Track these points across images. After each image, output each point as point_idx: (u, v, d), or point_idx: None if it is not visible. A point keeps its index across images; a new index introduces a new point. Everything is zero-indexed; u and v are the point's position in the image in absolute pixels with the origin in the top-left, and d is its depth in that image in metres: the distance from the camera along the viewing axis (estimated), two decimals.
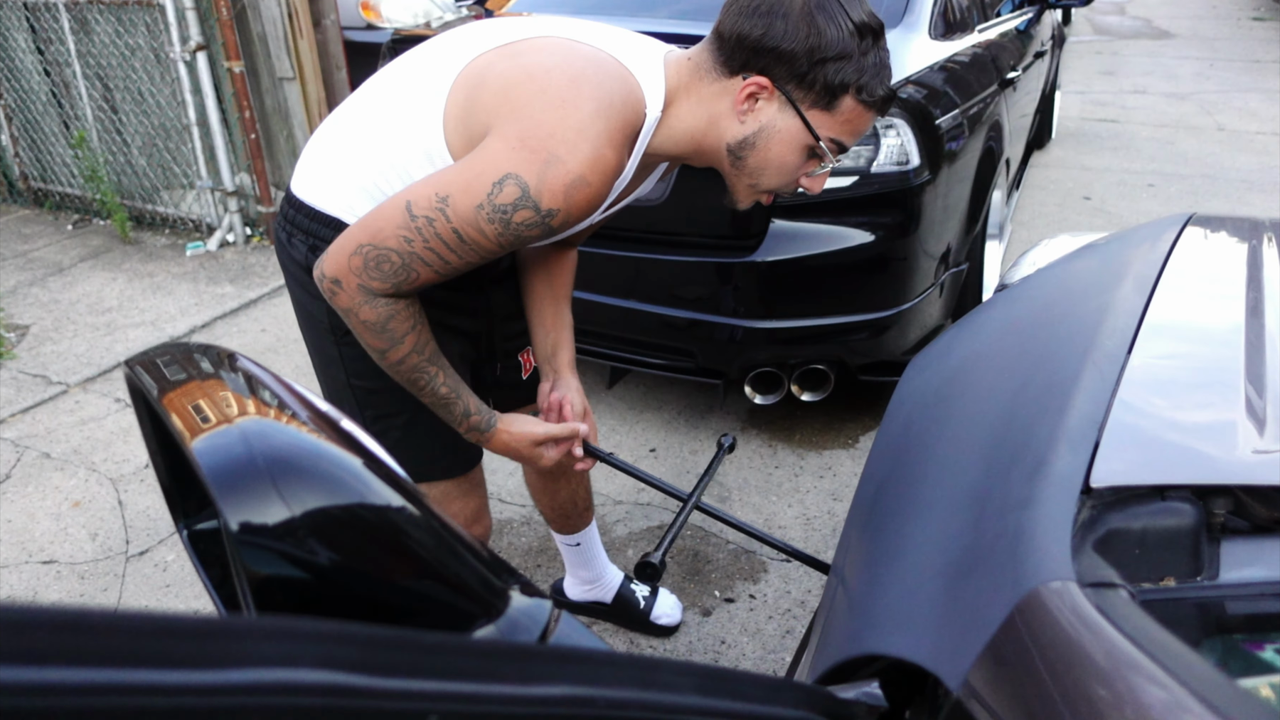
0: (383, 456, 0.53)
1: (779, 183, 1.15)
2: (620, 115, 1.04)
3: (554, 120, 1.00)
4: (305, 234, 1.22)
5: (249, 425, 0.45)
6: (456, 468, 1.40)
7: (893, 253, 2.31)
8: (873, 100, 1.08)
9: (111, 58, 3.94)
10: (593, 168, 1.01)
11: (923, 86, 2.33)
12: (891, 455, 0.97)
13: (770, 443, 2.59)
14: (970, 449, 0.81)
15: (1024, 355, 0.97)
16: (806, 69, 1.04)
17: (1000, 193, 3.15)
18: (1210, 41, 8.81)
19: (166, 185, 4.16)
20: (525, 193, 1.01)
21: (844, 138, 1.11)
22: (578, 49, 1.07)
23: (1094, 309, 1.00)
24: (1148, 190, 4.68)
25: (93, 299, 3.53)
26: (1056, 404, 0.77)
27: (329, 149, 1.21)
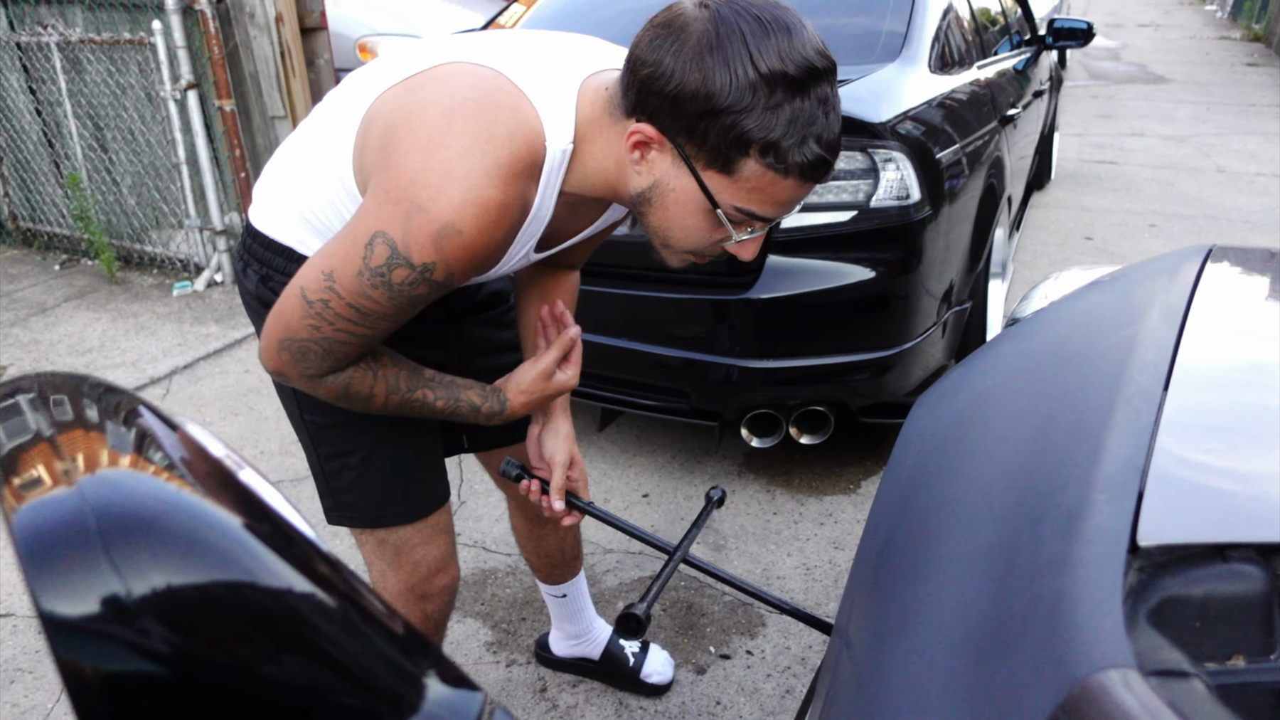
0: (286, 516, 0.43)
1: (690, 246, 0.99)
2: (505, 148, 0.90)
3: (416, 164, 0.89)
4: (259, 263, 1.15)
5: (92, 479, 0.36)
6: (417, 511, 1.29)
7: (894, 290, 2.23)
8: (786, 166, 0.87)
9: (103, 97, 3.90)
10: (462, 212, 0.88)
11: (922, 120, 2.26)
12: (899, 504, 0.87)
13: (768, 488, 2.48)
14: (989, 498, 0.72)
15: (1044, 394, 0.88)
16: (694, 121, 0.87)
17: (1003, 230, 3.08)
18: (1205, 86, 8.85)
19: (156, 225, 4.10)
20: (394, 250, 0.91)
21: (755, 208, 0.92)
22: (474, 77, 0.94)
23: (1120, 343, 0.90)
24: (1150, 231, 4.62)
25: (74, 339, 3.44)
26: (1088, 448, 0.67)
27: (277, 175, 1.14)
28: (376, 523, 1.27)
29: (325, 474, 1.25)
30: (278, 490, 0.47)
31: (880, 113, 2.13)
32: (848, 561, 2.19)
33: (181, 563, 0.34)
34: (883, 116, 2.12)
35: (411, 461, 1.27)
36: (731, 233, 0.95)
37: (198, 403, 2.97)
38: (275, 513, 0.43)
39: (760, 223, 0.95)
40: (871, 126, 2.10)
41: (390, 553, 1.30)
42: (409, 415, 1.13)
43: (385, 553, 1.30)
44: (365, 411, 1.11)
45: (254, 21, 3.54)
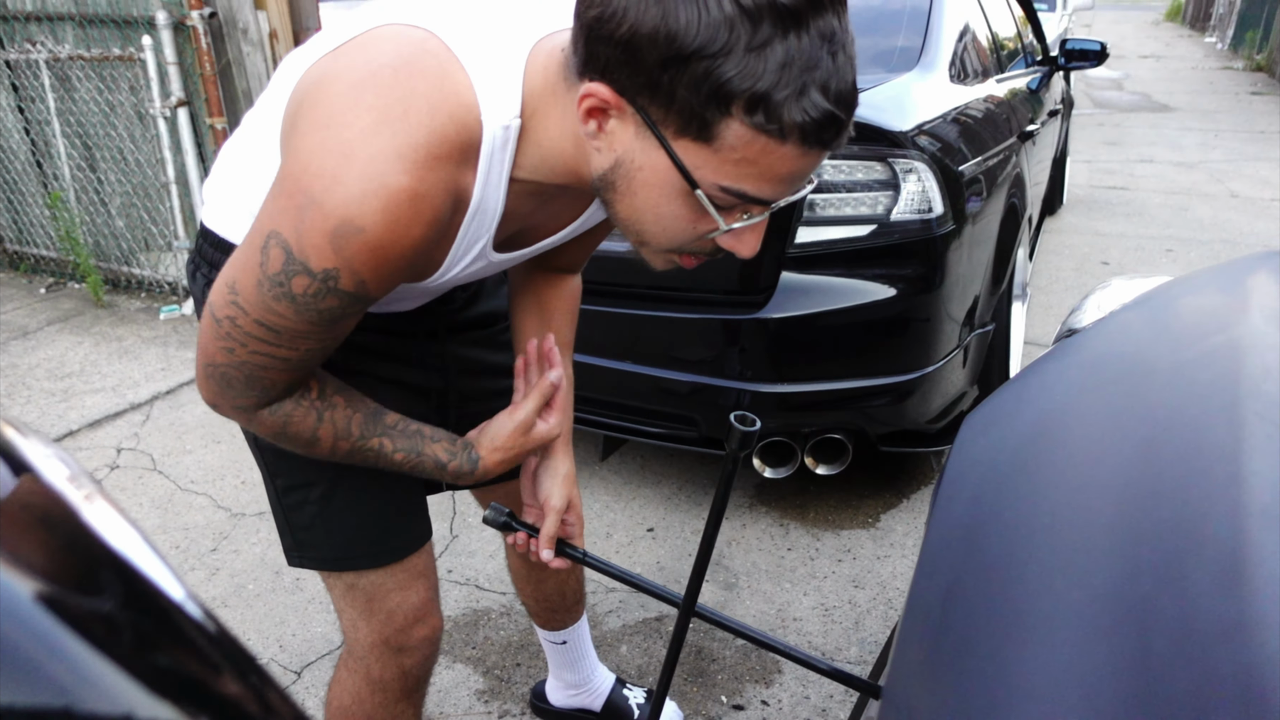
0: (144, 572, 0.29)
1: (670, 242, 0.79)
2: (423, 126, 0.73)
3: (311, 147, 0.72)
4: (209, 265, 1.01)
5: None
6: (388, 553, 1.12)
7: (915, 310, 2.09)
8: (782, 126, 0.66)
9: (92, 115, 3.80)
10: (362, 205, 0.71)
11: (943, 130, 2.14)
12: (962, 543, 0.73)
13: (781, 521, 2.33)
14: (1092, 537, 0.57)
15: (1132, 412, 0.73)
16: (657, 72, 0.67)
17: (1024, 251, 2.95)
18: (1211, 114, 8.80)
19: (145, 247, 3.98)
20: (289, 254, 0.75)
21: (746, 185, 0.71)
22: (398, 40, 0.76)
23: (1219, 349, 0.76)
24: (1166, 255, 4.50)
25: (54, 364, 3.31)
26: (1223, 472, 0.53)
27: (224, 169, 1.00)
28: (342, 565, 1.11)
29: (284, 508, 1.10)
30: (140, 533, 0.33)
31: (900, 120, 2.01)
32: (869, 602, 2.03)
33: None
34: (903, 125, 2.00)
35: (384, 495, 1.11)
36: (719, 222, 0.74)
37: (178, 429, 2.82)
38: (130, 569, 0.29)
39: (757, 206, 0.74)
40: (892, 135, 1.97)
41: (361, 600, 1.14)
42: (363, 465, 0.97)
43: (355, 599, 1.14)
44: (309, 455, 0.95)
45: (247, 38, 3.45)
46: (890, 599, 2.04)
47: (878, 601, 2.03)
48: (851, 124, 0.71)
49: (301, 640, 1.93)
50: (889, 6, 2.54)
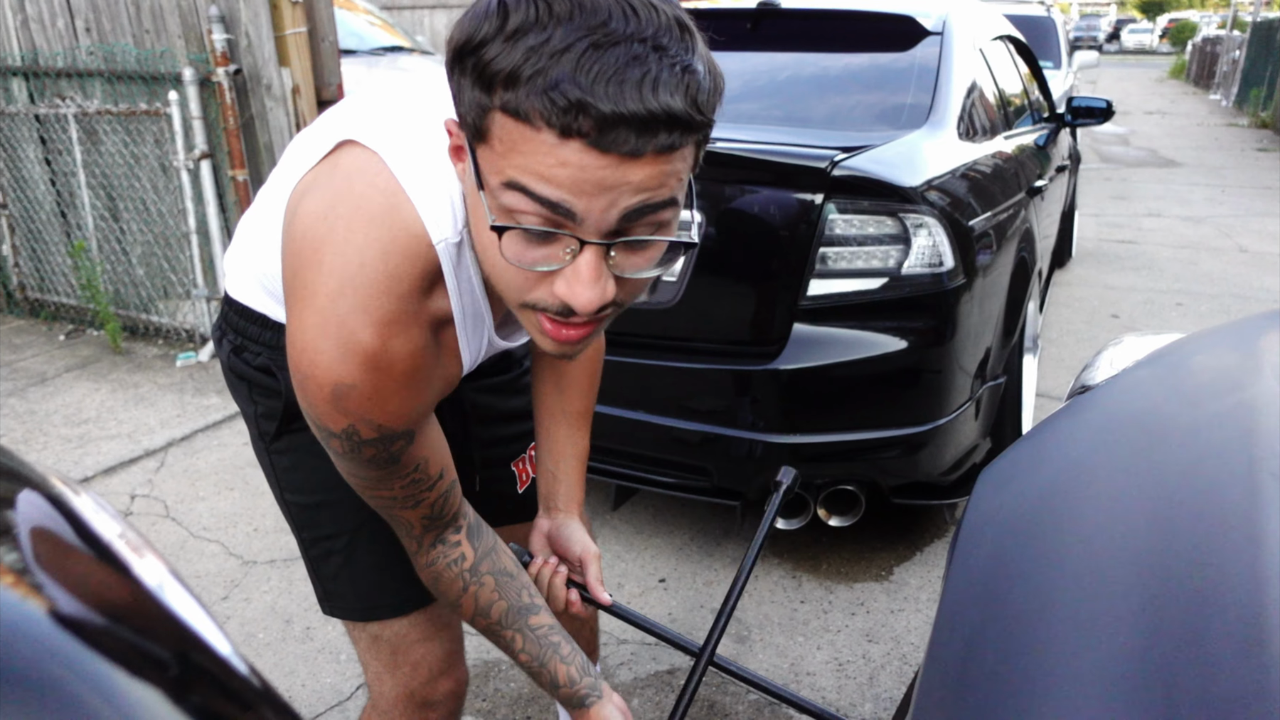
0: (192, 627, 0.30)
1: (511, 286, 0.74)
2: (381, 275, 0.76)
3: (295, 325, 0.79)
4: (235, 332, 1.06)
5: None
6: (412, 601, 1.13)
7: (927, 362, 2.11)
8: (525, 109, 0.63)
9: (117, 167, 3.89)
10: (345, 365, 0.77)
11: (953, 186, 2.18)
12: (981, 597, 0.73)
13: (794, 573, 2.31)
14: (1110, 596, 0.58)
15: (1149, 469, 0.74)
16: (455, 80, 0.68)
17: (1034, 304, 2.97)
18: (1218, 170, 8.87)
19: (164, 295, 4.04)
20: (316, 425, 0.84)
21: (520, 176, 0.65)
22: (354, 176, 0.80)
23: (1234, 409, 0.77)
24: (1176, 309, 4.51)
25: (71, 410, 3.34)
26: (1240, 535, 0.54)
27: (241, 239, 1.06)
28: (368, 615, 1.12)
29: (311, 560, 1.12)
30: (186, 587, 0.35)
31: (910, 176, 2.05)
32: (883, 657, 2.01)
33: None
34: (913, 180, 2.04)
35: None
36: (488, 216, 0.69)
37: (192, 476, 2.83)
38: (178, 623, 0.30)
39: (563, 220, 0.67)
40: (902, 190, 2.01)
41: (386, 652, 1.14)
42: (492, 642, 1.06)
43: (380, 651, 1.14)
44: (454, 613, 1.07)
45: (270, 93, 3.54)
46: (905, 654, 2.02)
47: (892, 656, 2.01)
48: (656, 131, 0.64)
49: (311, 691, 1.92)
50: (898, 64, 2.60)
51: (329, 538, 1.09)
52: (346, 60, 4.63)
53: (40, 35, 3.91)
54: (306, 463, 1.06)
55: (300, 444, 1.06)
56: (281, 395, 1.03)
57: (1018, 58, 3.70)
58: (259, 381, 1.05)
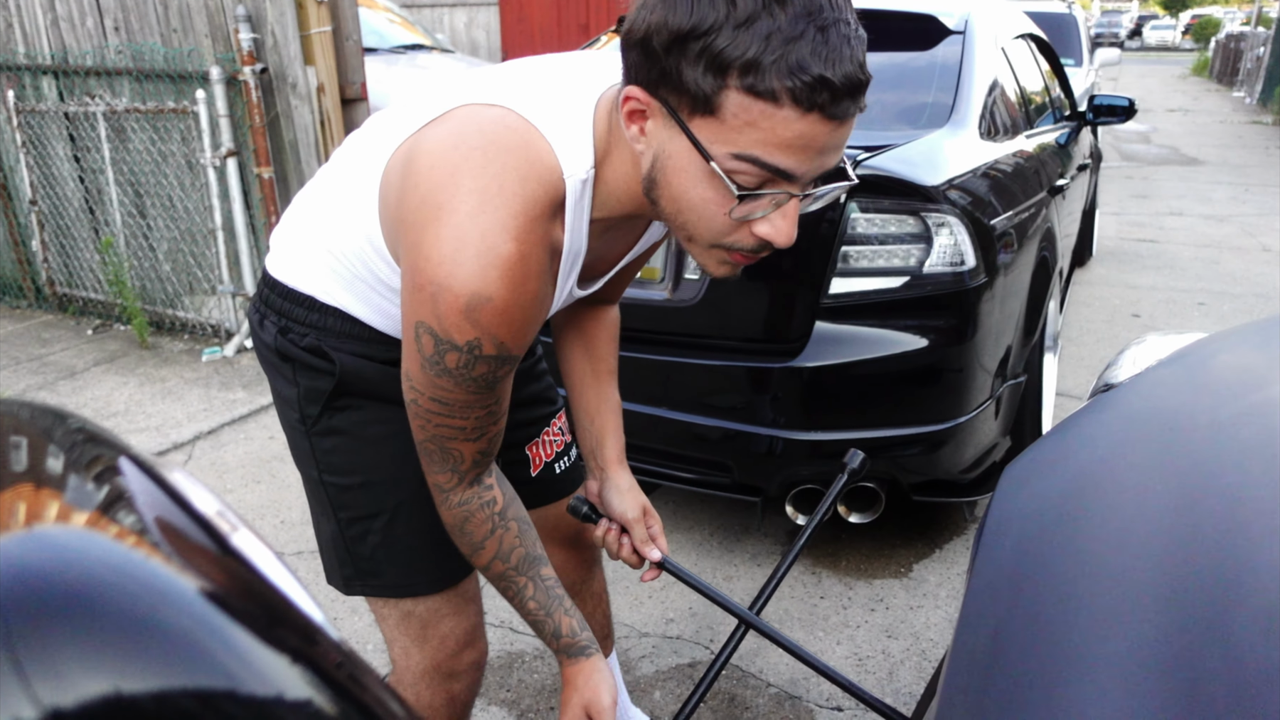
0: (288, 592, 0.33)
1: (711, 231, 0.84)
2: (517, 197, 0.83)
3: (430, 240, 0.83)
4: (277, 314, 1.08)
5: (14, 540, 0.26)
6: (446, 579, 1.18)
7: (948, 361, 2.12)
8: (771, 88, 0.73)
9: (145, 164, 3.95)
10: (484, 277, 0.82)
11: (975, 185, 2.19)
12: (1008, 590, 0.75)
13: (814, 569, 2.33)
14: (1137, 589, 0.60)
15: (1174, 466, 0.76)
16: (665, 59, 0.76)
17: (1055, 303, 2.97)
18: (1241, 168, 8.79)
19: (190, 290, 4.10)
20: (436, 337, 0.87)
21: (756, 150, 0.76)
22: (479, 121, 0.87)
23: (1258, 408, 0.79)
24: (1199, 309, 4.48)
25: (100, 403, 3.40)
26: (1262, 525, 0.55)
27: (297, 223, 1.08)
28: (403, 591, 1.16)
29: (346, 540, 1.14)
30: (282, 562, 0.37)
31: (932, 176, 2.06)
32: (903, 652, 2.02)
33: (123, 661, 0.24)
34: (935, 179, 2.05)
35: (439, 525, 1.17)
36: (733, 190, 0.79)
37: (220, 469, 2.88)
38: (273, 588, 0.33)
39: (778, 179, 0.79)
40: (924, 189, 2.02)
41: (416, 626, 1.18)
42: (502, 594, 1.10)
43: (411, 627, 1.18)
44: (470, 559, 1.07)
45: (296, 91, 3.58)
46: (924, 650, 2.04)
47: (911, 652, 2.03)
48: (860, 96, 0.77)
49: None
50: (920, 64, 2.61)
51: (368, 517, 1.12)
52: (368, 58, 4.68)
53: (70, 34, 3.97)
54: (348, 444, 1.09)
55: (342, 425, 1.09)
56: (332, 374, 1.07)
57: (1039, 56, 3.70)
58: (306, 362, 1.07)
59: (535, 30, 7.96)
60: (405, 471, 1.10)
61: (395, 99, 1.02)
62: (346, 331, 1.06)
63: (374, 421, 1.09)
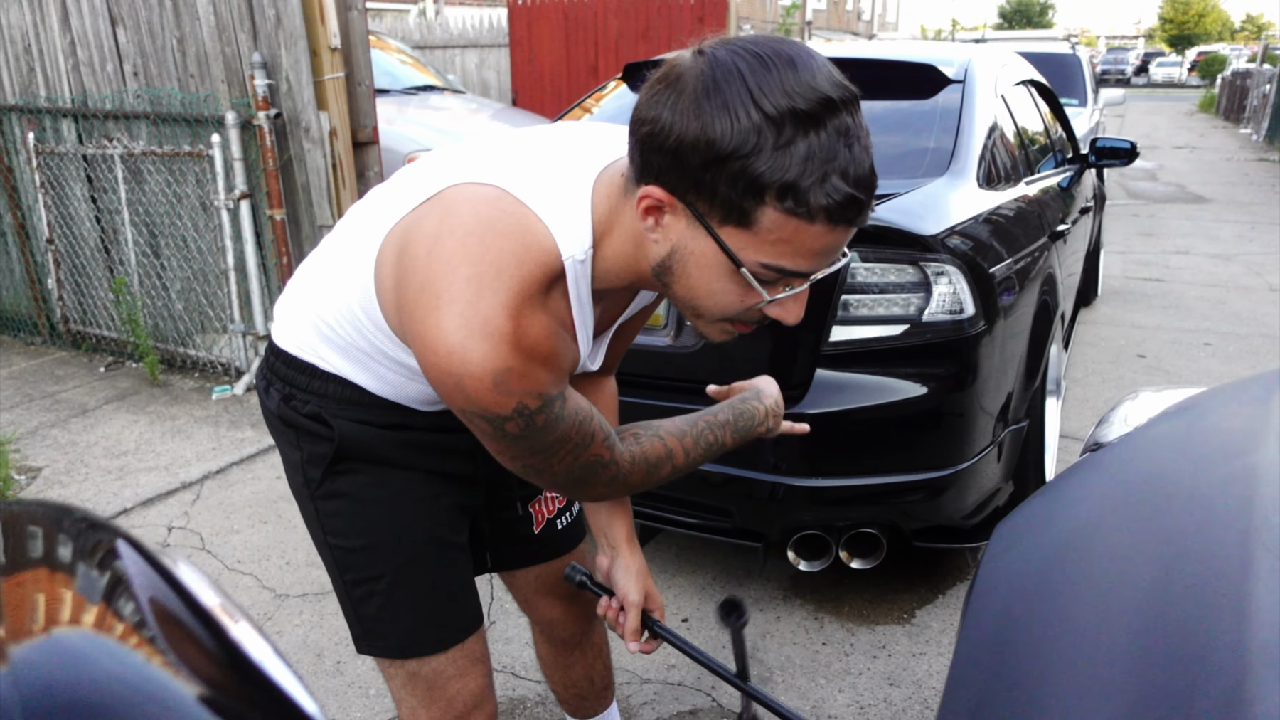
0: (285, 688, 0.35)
1: (721, 313, 0.91)
2: (515, 279, 0.86)
3: (434, 332, 0.86)
4: (282, 381, 1.11)
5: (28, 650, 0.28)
6: (450, 636, 1.19)
7: (948, 407, 2.13)
8: (810, 209, 0.78)
9: (160, 206, 4.02)
10: (497, 353, 0.85)
11: (974, 234, 2.22)
12: (992, 655, 0.76)
13: (816, 615, 2.33)
14: (1111, 662, 0.61)
15: (1153, 534, 0.77)
16: (699, 173, 0.80)
17: (1057, 346, 2.99)
18: (1247, 206, 8.82)
19: (200, 329, 4.15)
20: (485, 418, 0.90)
21: (786, 261, 0.83)
22: (475, 203, 0.89)
23: (1236, 475, 0.80)
24: (1204, 349, 4.49)
25: (110, 441, 3.43)
26: (1230, 606, 0.57)
27: (297, 292, 1.12)
28: (407, 652, 1.18)
29: (352, 601, 1.17)
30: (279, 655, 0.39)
31: (930, 225, 2.09)
32: (904, 700, 2.02)
33: None
34: (933, 229, 2.08)
35: (442, 583, 1.19)
36: (763, 294, 0.86)
37: (227, 509, 2.91)
38: (271, 685, 0.35)
39: (796, 279, 0.86)
40: (922, 239, 2.05)
41: (422, 688, 1.19)
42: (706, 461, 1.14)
43: (417, 688, 1.19)
44: (665, 480, 1.10)
45: (309, 136, 3.66)
46: (926, 698, 2.03)
47: (913, 700, 2.02)
48: (872, 201, 0.83)
49: None
50: (920, 112, 2.65)
51: (372, 579, 1.14)
52: (380, 100, 4.77)
53: (90, 78, 4.07)
54: (350, 508, 1.12)
55: (344, 488, 1.11)
56: (331, 440, 1.09)
57: (1040, 101, 3.74)
58: (307, 428, 1.11)
59: (545, 72, 8.09)
60: (407, 534, 1.12)
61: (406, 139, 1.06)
62: (347, 398, 1.08)
63: (374, 485, 1.12)
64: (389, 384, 1.07)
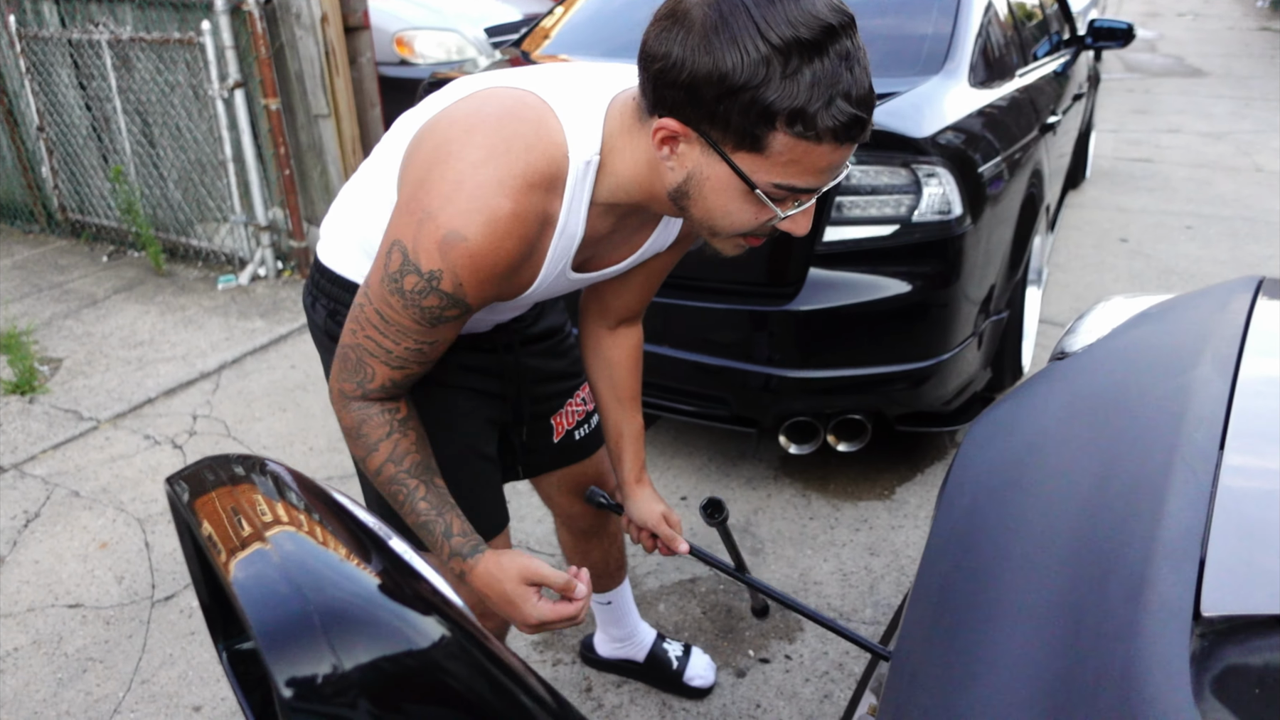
0: (437, 584, 0.49)
1: (737, 230, 0.98)
2: (521, 160, 0.92)
3: (435, 176, 0.93)
4: (327, 298, 1.21)
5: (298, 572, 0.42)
6: (495, 526, 1.35)
7: (933, 302, 2.26)
8: (816, 131, 0.84)
9: (151, 94, 3.99)
10: (468, 219, 0.91)
11: (965, 133, 2.29)
12: (958, 543, 0.92)
13: (804, 493, 2.53)
14: (1052, 550, 0.76)
15: (1099, 443, 0.92)
16: (713, 104, 0.86)
17: (1040, 238, 3.09)
18: (1245, 80, 8.72)
19: (200, 219, 4.19)
20: (405, 256, 0.95)
21: (796, 180, 0.89)
22: (502, 95, 0.98)
23: (1172, 392, 0.94)
24: (1186, 232, 4.60)
25: (125, 332, 3.54)
26: (1149, 509, 0.72)
27: (340, 211, 1.21)
28: None
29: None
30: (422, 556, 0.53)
31: (922, 127, 2.16)
32: (883, 568, 2.24)
33: (382, 648, 0.40)
34: (924, 131, 2.15)
35: (476, 486, 1.33)
36: (776, 211, 0.93)
37: (247, 398, 3.05)
38: (425, 578, 0.49)
39: (805, 194, 0.92)
40: (913, 141, 2.12)
41: (452, 576, 1.35)
42: (388, 498, 1.11)
43: (448, 575, 1.35)
44: (362, 463, 1.10)
45: (300, 22, 3.60)
46: (903, 566, 2.25)
47: (891, 568, 2.24)
48: (872, 120, 0.89)
49: None
50: (915, 8, 2.66)
51: None
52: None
53: None
54: None
55: None
56: None
57: None
58: None
59: None
60: (448, 442, 1.25)
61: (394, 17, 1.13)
62: None
63: (415, 398, 1.24)
64: None
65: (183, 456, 2.73)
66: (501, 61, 2.78)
